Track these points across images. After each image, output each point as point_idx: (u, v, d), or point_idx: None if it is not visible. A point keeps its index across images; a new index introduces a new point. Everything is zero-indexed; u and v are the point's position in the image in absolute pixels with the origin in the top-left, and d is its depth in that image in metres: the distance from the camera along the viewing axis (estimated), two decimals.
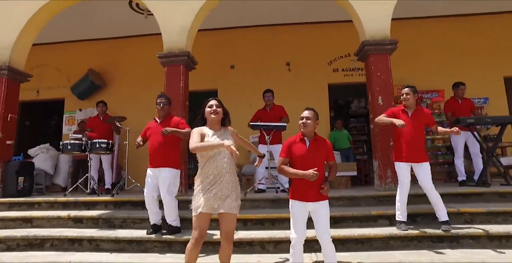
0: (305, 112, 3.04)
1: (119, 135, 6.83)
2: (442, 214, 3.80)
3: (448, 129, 3.96)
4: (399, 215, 3.91)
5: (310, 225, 2.97)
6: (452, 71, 7.23)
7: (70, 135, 6.05)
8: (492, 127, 6.45)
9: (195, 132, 2.83)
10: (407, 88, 4.06)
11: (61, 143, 5.67)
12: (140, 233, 4.05)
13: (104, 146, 5.61)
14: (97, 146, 5.57)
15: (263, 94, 6.01)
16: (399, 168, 3.97)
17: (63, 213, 4.67)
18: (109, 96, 7.98)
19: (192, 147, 2.71)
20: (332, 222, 2.98)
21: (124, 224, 4.44)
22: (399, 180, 3.99)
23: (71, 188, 5.71)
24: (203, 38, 6.47)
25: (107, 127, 6.35)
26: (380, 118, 4.14)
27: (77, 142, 5.61)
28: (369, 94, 5.34)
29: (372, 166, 5.40)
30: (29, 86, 7.24)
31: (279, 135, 5.66)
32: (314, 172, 2.76)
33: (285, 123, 5.46)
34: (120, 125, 5.97)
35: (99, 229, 4.34)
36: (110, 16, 7.43)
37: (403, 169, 3.93)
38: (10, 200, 5.22)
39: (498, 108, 7.33)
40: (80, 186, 5.65)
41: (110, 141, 5.82)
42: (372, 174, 6.35)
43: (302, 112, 3.06)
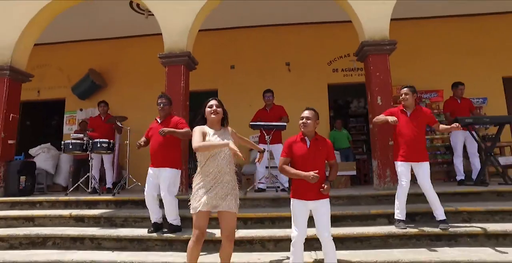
0: (305, 112, 3.06)
1: (120, 134, 6.87)
2: (439, 213, 3.84)
3: (449, 126, 3.98)
4: (398, 213, 3.94)
5: (310, 224, 3.01)
6: (451, 71, 7.27)
7: (72, 134, 6.08)
8: (490, 127, 6.48)
9: (196, 131, 2.85)
10: (406, 88, 4.10)
11: (62, 142, 5.69)
12: (141, 232, 4.08)
13: (105, 145, 5.64)
14: (98, 146, 5.60)
15: (263, 94, 6.04)
16: (399, 167, 3.99)
17: (65, 212, 4.70)
18: (110, 96, 8.00)
19: (195, 146, 2.73)
20: (332, 220, 3.00)
21: (125, 223, 4.47)
22: (399, 179, 4.01)
23: (72, 187, 5.74)
24: (203, 38, 6.50)
25: (109, 127, 6.39)
26: (377, 117, 4.21)
27: (78, 142, 5.64)
28: (368, 94, 5.38)
29: (371, 166, 5.43)
30: (30, 86, 7.27)
31: (279, 135, 5.70)
32: (315, 174, 2.78)
33: (285, 123, 5.49)
34: (121, 125, 6.02)
35: (100, 228, 4.37)
36: (111, 16, 7.45)
37: (403, 168, 3.96)
38: (12, 199, 5.25)
39: (496, 108, 7.37)
40: (81, 185, 5.70)
41: (111, 140, 5.86)
42: (371, 174, 6.37)
43: (303, 112, 3.08)
